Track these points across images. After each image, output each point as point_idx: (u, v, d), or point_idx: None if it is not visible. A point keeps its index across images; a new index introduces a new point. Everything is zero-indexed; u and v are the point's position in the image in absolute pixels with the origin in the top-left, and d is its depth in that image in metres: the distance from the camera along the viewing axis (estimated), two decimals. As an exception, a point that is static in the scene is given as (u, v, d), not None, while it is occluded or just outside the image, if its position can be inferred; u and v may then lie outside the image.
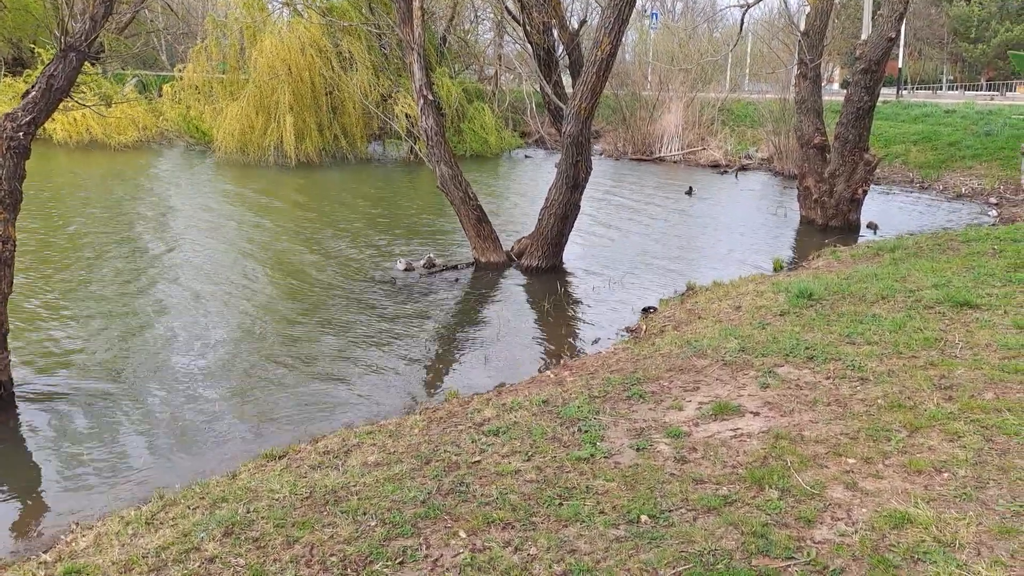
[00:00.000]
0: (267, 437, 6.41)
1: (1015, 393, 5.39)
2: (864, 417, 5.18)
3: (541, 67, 13.08)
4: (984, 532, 3.80)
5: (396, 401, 7.23)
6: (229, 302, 10.24)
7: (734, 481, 4.46)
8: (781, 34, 28.33)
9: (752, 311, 8.22)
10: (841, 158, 15.15)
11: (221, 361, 8.17)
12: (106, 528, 4.67)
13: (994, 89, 43.61)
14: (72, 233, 14.15)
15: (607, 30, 10.76)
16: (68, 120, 26.68)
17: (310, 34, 24.53)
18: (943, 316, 7.26)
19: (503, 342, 8.92)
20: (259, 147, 24.06)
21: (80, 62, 7.28)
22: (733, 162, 26.01)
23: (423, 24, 12.22)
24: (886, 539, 3.80)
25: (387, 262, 12.41)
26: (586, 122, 11.45)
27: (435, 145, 12.22)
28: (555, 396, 6.15)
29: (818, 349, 6.57)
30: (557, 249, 12.19)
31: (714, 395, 5.83)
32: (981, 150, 21.32)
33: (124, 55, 35.84)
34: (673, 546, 3.84)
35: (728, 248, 13.88)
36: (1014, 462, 4.45)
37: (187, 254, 12.80)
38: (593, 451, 4.95)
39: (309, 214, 16.71)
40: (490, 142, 28.50)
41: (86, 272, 11.51)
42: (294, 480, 4.95)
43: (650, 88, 30.29)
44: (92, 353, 8.31)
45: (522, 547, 3.94)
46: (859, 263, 10.46)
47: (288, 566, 3.91)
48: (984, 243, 10.34)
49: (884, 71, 15.00)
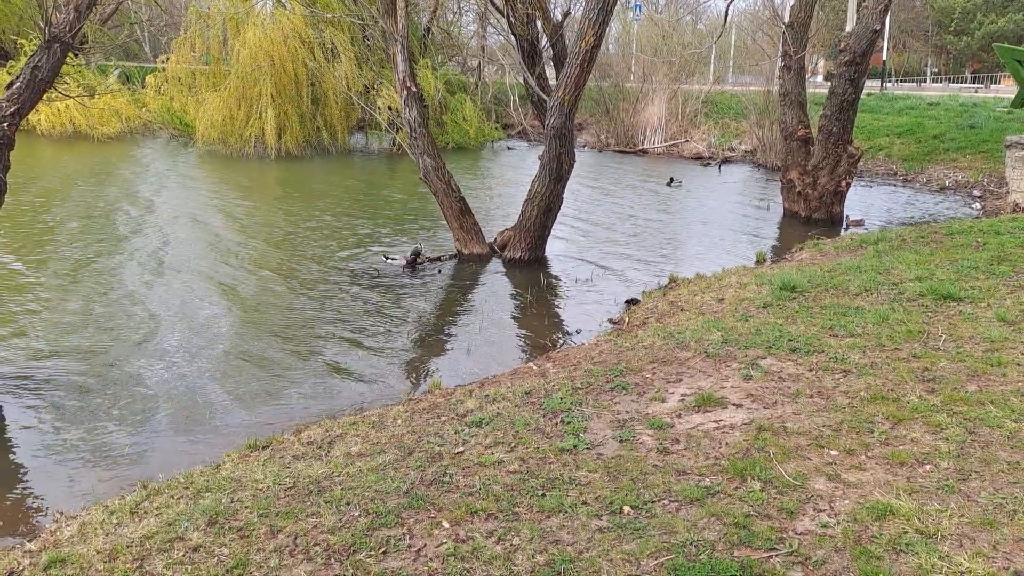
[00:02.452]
0: (250, 427, 6.37)
1: (998, 385, 5.42)
2: (847, 409, 5.19)
3: (524, 59, 13.02)
4: (966, 524, 3.82)
5: (379, 392, 7.21)
6: (210, 293, 10.16)
7: (717, 472, 4.46)
8: (765, 26, 28.36)
9: (735, 303, 8.22)
10: (825, 151, 15.20)
11: (203, 352, 8.10)
12: (90, 517, 4.63)
13: (978, 82, 43.85)
14: (51, 223, 14.01)
15: (591, 22, 10.73)
16: (52, 111, 26.52)
17: (293, 25, 24.39)
18: (926, 309, 7.29)
19: (486, 334, 8.89)
20: (240, 138, 23.94)
21: (64, 53, 7.25)
22: (716, 154, 26.04)
23: (406, 15, 12.16)
24: (868, 530, 3.80)
25: (370, 255, 12.36)
26: (569, 114, 11.43)
27: (418, 136, 12.17)
28: (538, 387, 6.14)
29: (801, 341, 6.58)
30: (540, 241, 12.17)
31: (697, 387, 5.83)
32: (965, 143, 21.43)
33: (107, 46, 35.62)
34: (656, 537, 3.84)
35: (711, 240, 13.90)
36: (996, 454, 4.47)
37: (167, 245, 12.69)
38: (576, 442, 4.94)
39: (290, 206, 16.61)
40: (472, 134, 28.45)
41: (66, 262, 11.40)
42: (278, 470, 4.93)
43: (633, 80, 30.29)
44: (74, 343, 8.24)
45: (505, 537, 3.92)
46: (842, 255, 10.49)
47: (272, 555, 3.89)
48: (967, 236, 10.39)
49: (869, 63, 15.04)
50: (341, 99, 25.27)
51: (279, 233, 13.75)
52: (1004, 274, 8.21)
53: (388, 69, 22.77)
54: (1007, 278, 8.08)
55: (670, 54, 28.37)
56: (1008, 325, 6.67)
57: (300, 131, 24.75)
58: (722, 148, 26.46)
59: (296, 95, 24.67)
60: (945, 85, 43.27)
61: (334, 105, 25.67)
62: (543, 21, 13.44)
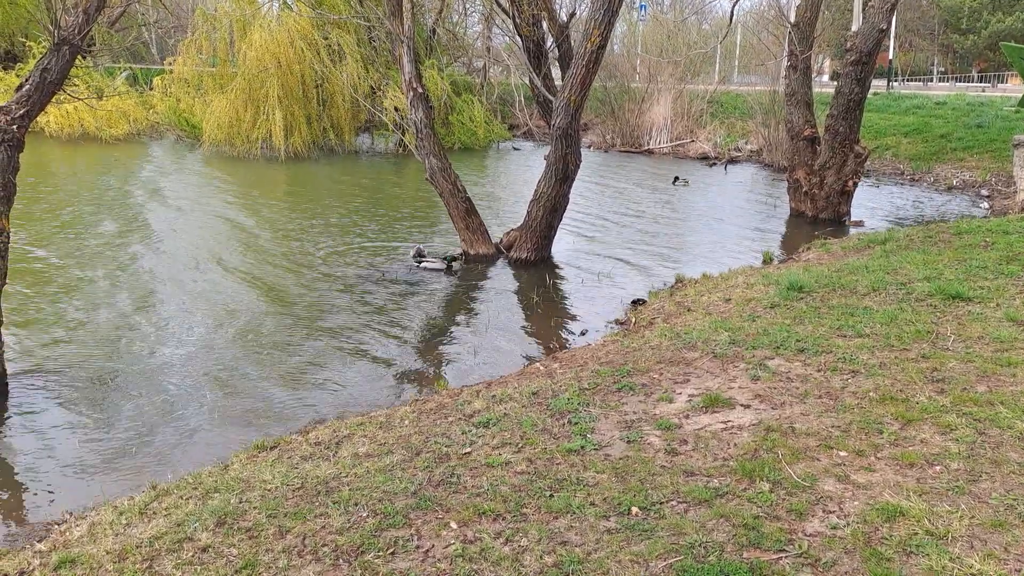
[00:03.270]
0: (258, 428, 6.39)
1: (1008, 386, 5.40)
2: (855, 410, 5.18)
3: (530, 59, 12.99)
4: (977, 525, 3.80)
5: (386, 392, 7.22)
6: (219, 294, 10.18)
7: (725, 473, 4.44)
8: (771, 26, 28.32)
9: (742, 303, 8.21)
10: (831, 150, 15.16)
11: (212, 352, 8.12)
12: (100, 518, 4.64)
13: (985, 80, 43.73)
14: (61, 223, 14.04)
15: (596, 22, 10.72)
16: (60, 113, 26.60)
17: (299, 27, 24.40)
18: (935, 309, 7.27)
19: (492, 334, 8.89)
20: (247, 140, 23.97)
21: (73, 55, 7.28)
22: (722, 154, 25.99)
23: (412, 17, 12.17)
24: (878, 532, 3.79)
25: (380, 253, 12.36)
26: (575, 114, 11.42)
27: (424, 137, 12.17)
28: (545, 388, 6.13)
29: (809, 341, 6.56)
30: (546, 241, 12.16)
31: (704, 387, 5.82)
32: (972, 142, 21.36)
33: (115, 48, 35.69)
34: (664, 538, 3.83)
35: (717, 240, 13.88)
36: (1007, 455, 4.44)
37: (176, 246, 12.71)
38: (583, 443, 4.93)
39: (297, 206, 16.63)
40: (478, 134, 28.43)
41: (76, 264, 11.42)
42: (286, 471, 4.93)
43: (639, 80, 30.25)
44: (84, 345, 8.27)
45: (513, 538, 3.92)
46: (850, 255, 10.46)
47: (280, 556, 3.90)
48: (976, 235, 10.34)
49: (875, 63, 15.01)
50: (348, 100, 25.30)
51: (287, 233, 13.75)
52: (1013, 274, 8.18)
53: (394, 70, 22.81)
54: (1016, 278, 8.05)
55: (675, 54, 28.34)
56: (1017, 325, 6.64)
57: (308, 132, 24.78)
58: (728, 148, 26.41)
59: (303, 97, 24.70)
60: (952, 84, 43.17)
61: (341, 106, 25.71)
62: (549, 21, 13.41)
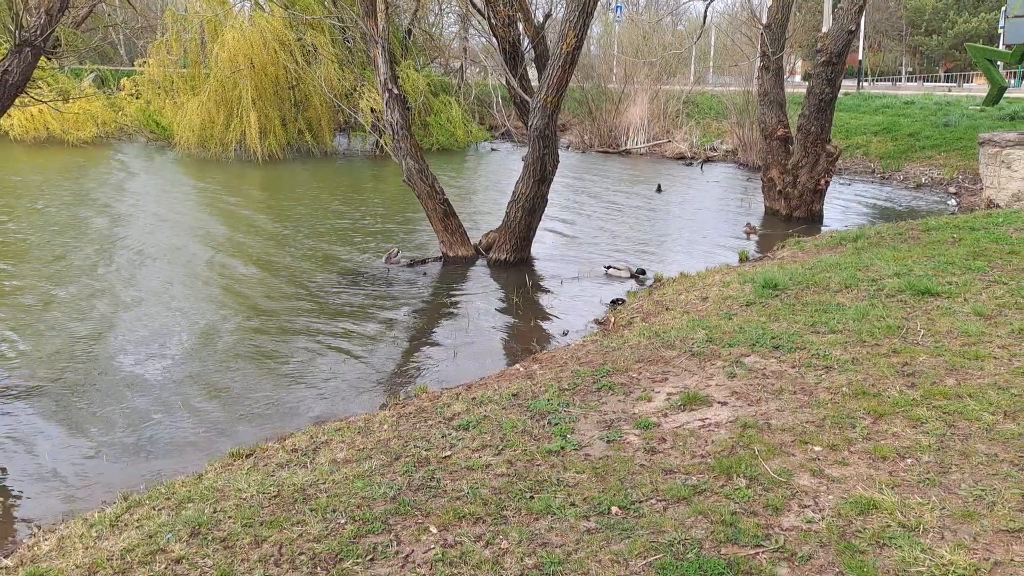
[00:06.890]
0: (233, 436, 6.32)
1: (975, 379, 5.49)
2: (829, 405, 5.24)
3: (507, 60, 13.01)
4: (947, 516, 3.87)
5: (365, 397, 7.19)
6: (190, 299, 10.12)
7: (703, 471, 4.49)
8: (744, 27, 28.50)
9: (719, 302, 8.28)
10: (804, 150, 15.32)
11: (184, 359, 8.07)
12: (69, 531, 4.57)
13: (952, 80, 44.27)
14: (25, 229, 13.89)
15: (571, 24, 10.76)
16: (25, 116, 26.24)
17: (272, 28, 24.26)
18: (905, 304, 7.36)
19: (472, 336, 8.90)
20: (220, 142, 23.80)
21: (36, 57, 7.18)
22: (698, 154, 26.18)
23: (387, 17, 12.15)
24: (852, 525, 3.85)
25: (357, 256, 12.34)
26: (552, 115, 11.46)
27: (401, 139, 12.15)
28: (525, 389, 6.15)
29: (784, 338, 6.63)
30: (525, 242, 12.19)
31: (682, 386, 5.87)
32: (940, 140, 21.66)
33: (81, 49, 35.25)
34: (643, 536, 3.87)
35: (694, 239, 13.98)
36: (975, 447, 4.52)
37: (148, 251, 12.61)
38: (563, 444, 4.96)
39: (272, 209, 16.55)
40: (456, 135, 28.41)
41: (42, 270, 11.31)
42: (262, 479, 4.90)
43: (615, 81, 30.38)
44: (50, 352, 8.16)
45: (493, 541, 3.94)
46: (822, 253, 10.57)
47: (257, 565, 3.87)
48: (944, 232, 10.48)
49: (845, 63, 15.17)
50: (323, 102, 25.17)
51: (262, 236, 13.69)
52: (980, 269, 8.30)
53: (370, 71, 22.74)
54: (982, 273, 8.17)
55: (651, 55, 28.47)
56: (984, 319, 6.75)
57: (283, 134, 24.63)
58: (704, 148, 26.60)
59: (277, 98, 24.57)
60: (920, 84, 43.69)
61: (316, 107, 25.58)
62: (524, 23, 13.44)
